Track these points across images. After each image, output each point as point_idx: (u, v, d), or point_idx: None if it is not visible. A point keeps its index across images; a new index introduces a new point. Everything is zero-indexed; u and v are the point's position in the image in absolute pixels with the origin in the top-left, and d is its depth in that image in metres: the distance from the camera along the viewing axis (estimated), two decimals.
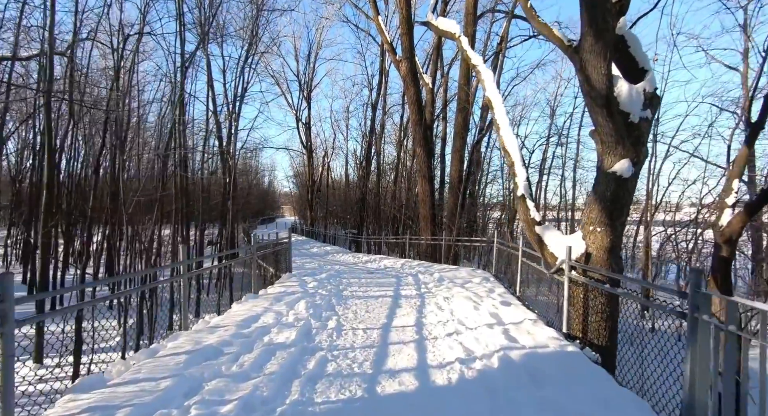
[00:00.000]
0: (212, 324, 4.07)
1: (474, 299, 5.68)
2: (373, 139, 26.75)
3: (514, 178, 5.29)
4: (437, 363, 3.39)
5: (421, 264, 10.21)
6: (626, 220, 4.26)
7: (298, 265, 10.83)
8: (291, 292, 5.88)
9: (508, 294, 6.18)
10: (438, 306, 5.50)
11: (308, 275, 7.93)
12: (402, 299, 6.02)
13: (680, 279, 13.59)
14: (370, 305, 5.58)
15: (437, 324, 4.58)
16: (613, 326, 4.15)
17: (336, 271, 9.30)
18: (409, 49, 14.15)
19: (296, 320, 4.45)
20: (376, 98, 25.74)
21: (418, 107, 14.53)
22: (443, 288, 6.63)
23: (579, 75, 4.24)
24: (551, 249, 4.63)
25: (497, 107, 5.92)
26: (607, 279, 4.06)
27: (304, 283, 6.84)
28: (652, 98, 4.12)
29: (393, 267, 10.26)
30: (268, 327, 4.12)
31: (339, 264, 12.20)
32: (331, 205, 33.82)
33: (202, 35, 17.45)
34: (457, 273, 8.05)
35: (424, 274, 8.26)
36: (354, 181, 31.01)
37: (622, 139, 4.08)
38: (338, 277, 8.05)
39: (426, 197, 14.26)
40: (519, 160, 5.31)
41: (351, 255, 15.16)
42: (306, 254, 17.30)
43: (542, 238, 4.75)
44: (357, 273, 9.18)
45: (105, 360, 9.18)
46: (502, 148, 5.61)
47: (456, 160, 14.73)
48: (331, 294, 6.15)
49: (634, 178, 4.15)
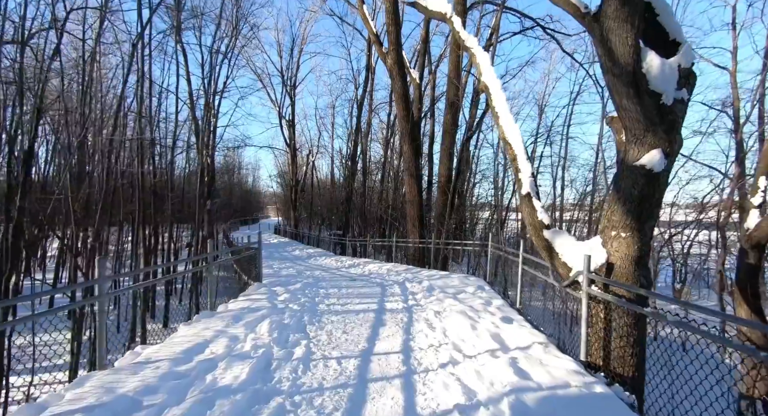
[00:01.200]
0: (142, 358, 3.17)
1: (470, 314, 4.91)
2: (359, 138, 25.89)
3: (516, 173, 4.53)
4: (430, 411, 2.59)
5: (409, 270, 9.42)
6: (656, 224, 3.56)
7: (274, 271, 9.92)
8: (256, 308, 4.99)
9: (507, 306, 5.43)
10: (428, 323, 4.70)
11: (281, 284, 7.04)
12: (387, 314, 5.20)
13: (675, 283, 13.18)
14: (348, 323, 4.74)
15: (428, 350, 3.77)
16: (641, 352, 3.42)
17: (315, 279, 8.43)
18: (395, 41, 13.37)
19: (254, 348, 3.58)
20: (362, 95, 24.92)
21: (405, 101, 13.77)
22: (433, 300, 5.84)
23: (599, 48, 3.51)
24: (564, 259, 3.88)
25: (495, 93, 5.17)
26: (634, 296, 3.34)
27: (275, 295, 5.95)
28: (688, 76, 3.41)
29: (378, 273, 9.44)
30: (215, 359, 3.24)
31: (320, 269, 11.32)
32: (317, 205, 32.80)
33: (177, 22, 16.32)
34: (448, 280, 7.29)
35: (411, 282, 7.47)
36: (340, 180, 30.11)
37: (652, 126, 3.36)
38: (316, 287, 7.18)
39: (414, 197, 13.51)
40: (522, 153, 4.56)
41: (334, 259, 14.28)
42: (286, 258, 16.33)
43: (552, 245, 4.00)
44: (338, 280, 8.33)
45: (48, 382, 8.10)
46: (502, 139, 4.86)
47: (445, 158, 14.01)
48: (305, 309, 5.29)
49: (666, 172, 3.43)
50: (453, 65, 13.74)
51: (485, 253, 7.98)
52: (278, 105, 28.90)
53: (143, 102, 14.48)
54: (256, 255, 6.97)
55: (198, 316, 4.51)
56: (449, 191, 13.08)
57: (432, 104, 21.62)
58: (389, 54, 13.58)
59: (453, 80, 13.55)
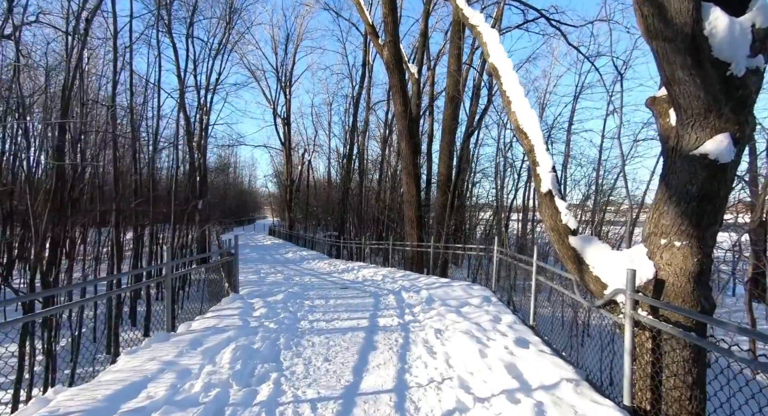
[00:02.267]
0: (47, 411, 2.39)
1: (477, 333, 4.15)
2: (355, 137, 25.12)
3: (534, 167, 3.77)
4: None
5: (406, 276, 8.65)
6: (719, 229, 2.81)
7: (259, 278, 9.13)
8: (223, 328, 4.22)
9: (519, 323, 4.67)
10: (428, 347, 3.94)
11: (261, 295, 6.25)
12: (379, 333, 4.43)
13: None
14: (333, 346, 3.97)
15: (428, 388, 3.01)
16: (702, 396, 2.67)
17: (302, 286, 7.64)
18: (392, 32, 12.62)
19: (207, 387, 2.81)
20: (359, 92, 24.16)
21: (402, 97, 13.01)
22: (434, 315, 5.07)
23: (643, 6, 2.75)
24: (596, 272, 3.12)
25: (506, 75, 4.41)
26: (694, 323, 2.59)
27: (250, 309, 5.18)
28: (765, 38, 2.65)
29: (372, 280, 8.67)
30: (146, 410, 2.46)
31: (311, 274, 10.53)
32: (312, 206, 32.00)
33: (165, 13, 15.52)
34: (450, 290, 6.52)
35: (408, 292, 6.70)
36: (336, 181, 29.31)
37: (716, 103, 2.60)
38: (301, 297, 6.40)
39: (411, 197, 12.75)
40: (541, 143, 3.80)
41: (327, 263, 13.50)
42: (278, 261, 15.54)
43: (581, 255, 3.24)
44: (327, 288, 7.56)
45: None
46: (515, 128, 4.10)
47: (445, 156, 13.28)
48: (282, 328, 4.52)
49: (735, 162, 2.67)
50: (453, 58, 13.02)
51: (489, 258, 7.22)
52: (273, 102, 28.12)
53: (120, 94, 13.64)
54: (232, 262, 6.18)
55: (149, 340, 3.73)
56: (449, 191, 12.33)
57: (431, 102, 20.90)
58: (386, 46, 12.83)
59: (453, 73, 12.82)
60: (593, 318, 7.38)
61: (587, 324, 8.45)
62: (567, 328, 7.29)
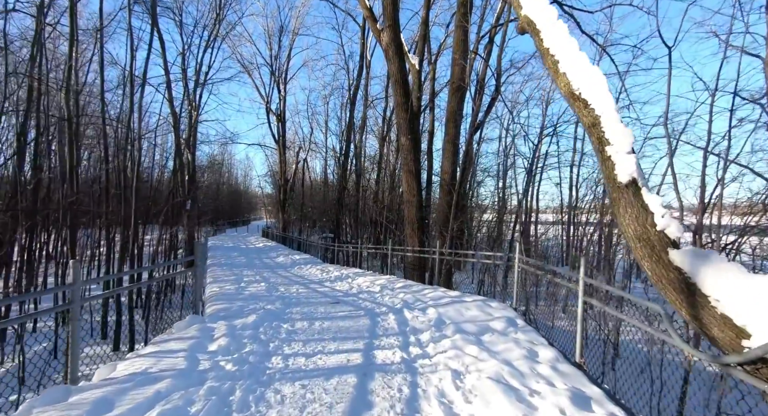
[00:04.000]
0: None
1: (512, 381, 2.98)
2: (352, 134, 23.92)
3: (601, 147, 2.59)
4: None
5: (407, 287, 7.46)
6: None
7: (237, 288, 7.89)
8: (157, 375, 3.01)
9: (564, 362, 3.49)
10: (446, 405, 2.75)
11: (229, 317, 5.03)
12: (376, 378, 3.24)
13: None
14: (311, 403, 2.78)
15: None
16: None
17: (285, 302, 6.43)
18: (392, 16, 11.49)
19: None
20: (356, 87, 22.97)
21: (403, 87, 11.88)
22: (448, 347, 3.89)
23: None
24: (725, 309, 1.95)
25: (548, 28, 3.25)
26: None
27: (207, 340, 3.96)
28: None
29: (369, 292, 7.48)
30: None
31: (299, 283, 9.33)
32: (308, 206, 30.77)
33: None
34: (463, 308, 5.34)
35: (412, 310, 5.51)
36: (333, 181, 28.08)
37: None
38: (279, 319, 5.18)
39: (412, 197, 11.59)
40: (612, 112, 2.63)
41: (320, 269, 12.28)
42: (267, 266, 14.30)
43: (693, 280, 2.07)
44: (315, 303, 6.35)
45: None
46: (568, 96, 2.93)
47: (449, 151, 12.11)
48: (244, 370, 3.31)
49: None
50: (458, 44, 11.86)
51: (508, 267, 6.06)
52: (266, 97, 26.88)
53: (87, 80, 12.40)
54: (197, 272, 4.93)
55: (36, 400, 2.52)
56: (454, 190, 11.16)
57: (432, 98, 19.75)
58: (385, 31, 11.68)
59: (458, 61, 11.66)
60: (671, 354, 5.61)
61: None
62: (628, 365, 5.96)
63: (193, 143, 24.30)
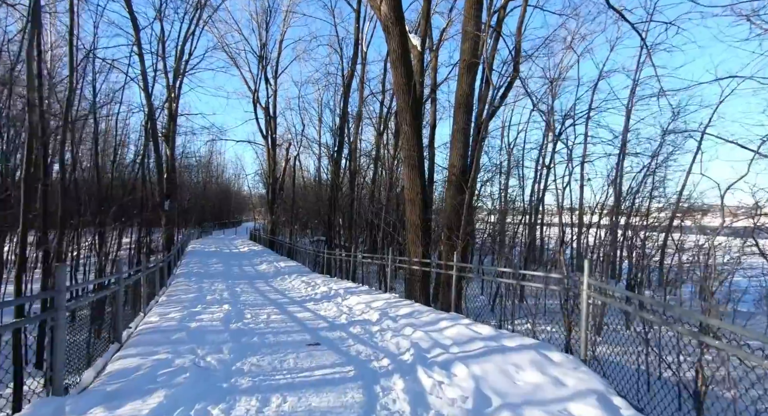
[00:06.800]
0: None
1: None
2: (346, 129, 22.01)
3: None
4: None
5: (415, 315, 5.53)
6: None
7: (183, 317, 5.79)
8: None
9: None
10: None
11: (120, 396, 3.03)
12: None
13: (702, 300, 9.46)
14: None
15: None
16: None
17: (237, 346, 4.41)
18: None
19: None
20: (350, 75, 21.03)
21: (404, 66, 10.00)
22: None
23: None
24: None
25: None
26: None
27: None
28: None
29: (363, 321, 5.55)
30: None
31: (274, 304, 7.38)
32: (299, 207, 28.77)
33: None
34: (509, 364, 3.43)
35: (431, 367, 3.58)
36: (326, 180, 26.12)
37: None
38: (211, 394, 3.20)
39: (415, 196, 9.70)
40: None
41: (305, 281, 10.34)
42: (245, 276, 12.32)
43: None
44: (285, 345, 4.41)
45: None
46: None
47: (459, 141, 10.16)
48: None
49: None
50: (470, 14, 9.99)
51: (570, 296, 4.18)
52: (254, 89, 24.86)
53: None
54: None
55: None
56: (467, 187, 9.25)
57: (433, 88, 17.90)
58: (383, 0, 9.81)
59: (470, 34, 9.79)
60: None
61: None
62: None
63: (172, 137, 22.23)
